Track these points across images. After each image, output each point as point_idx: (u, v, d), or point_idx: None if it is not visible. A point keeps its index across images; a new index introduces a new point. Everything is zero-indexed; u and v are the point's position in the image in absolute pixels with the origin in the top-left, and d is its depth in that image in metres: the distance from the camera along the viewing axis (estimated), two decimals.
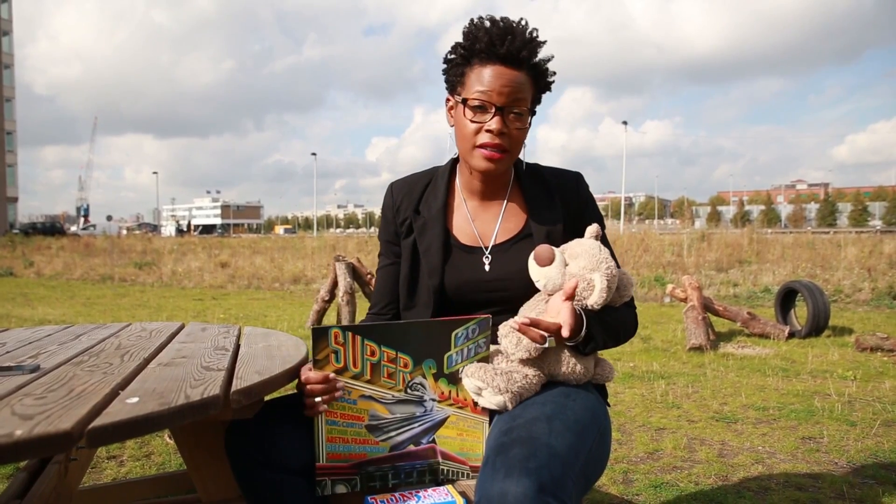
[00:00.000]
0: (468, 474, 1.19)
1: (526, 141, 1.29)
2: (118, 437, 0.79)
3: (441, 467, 1.18)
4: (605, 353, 1.34)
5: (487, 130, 1.22)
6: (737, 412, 3.19)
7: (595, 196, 1.42)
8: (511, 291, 1.28)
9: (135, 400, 0.88)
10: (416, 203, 1.37)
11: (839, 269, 9.82)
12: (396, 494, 1.11)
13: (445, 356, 1.15)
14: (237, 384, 1.01)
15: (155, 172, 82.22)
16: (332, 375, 1.10)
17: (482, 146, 1.23)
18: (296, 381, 1.16)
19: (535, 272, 1.21)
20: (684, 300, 5.53)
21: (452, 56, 1.27)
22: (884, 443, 2.70)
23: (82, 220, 71.60)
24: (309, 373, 1.10)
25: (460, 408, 1.18)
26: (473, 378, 1.15)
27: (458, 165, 1.39)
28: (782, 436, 2.82)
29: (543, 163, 1.41)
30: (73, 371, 1.09)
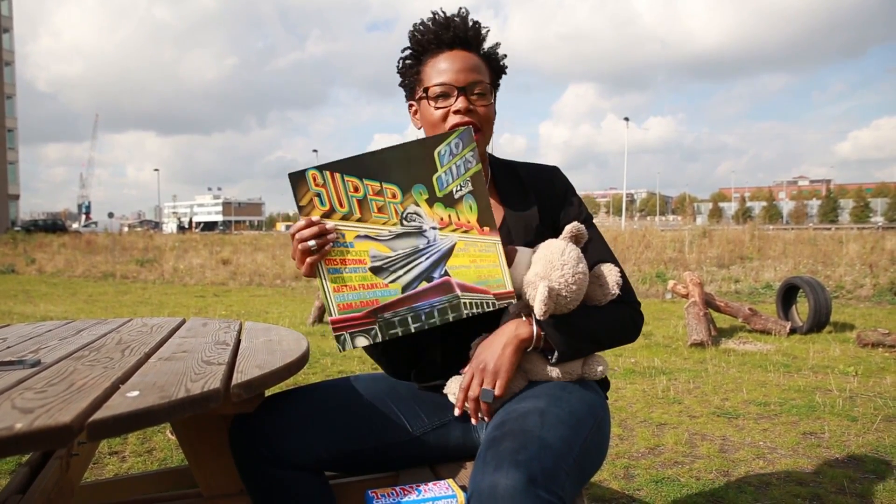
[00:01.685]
0: (493, 304, 1.12)
1: (495, 125, 1.29)
2: (118, 430, 0.79)
3: (462, 301, 1.11)
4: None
5: (455, 112, 1.21)
6: (738, 408, 3.19)
7: (596, 192, 1.43)
8: None
9: (135, 393, 0.88)
10: None
11: (841, 265, 9.81)
12: (397, 488, 1.12)
13: (434, 178, 1.09)
14: (238, 378, 1.01)
15: (156, 169, 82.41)
16: (318, 219, 1.06)
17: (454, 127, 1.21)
18: (292, 377, 1.16)
19: None
20: (686, 296, 5.53)
21: (405, 60, 1.29)
22: (885, 438, 2.70)
23: (84, 217, 71.68)
24: (297, 223, 1.08)
25: (465, 231, 1.10)
26: (452, 387, 1.16)
27: None
28: (783, 431, 2.82)
29: (546, 160, 1.41)
30: (73, 365, 1.09)
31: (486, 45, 1.27)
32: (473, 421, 1.14)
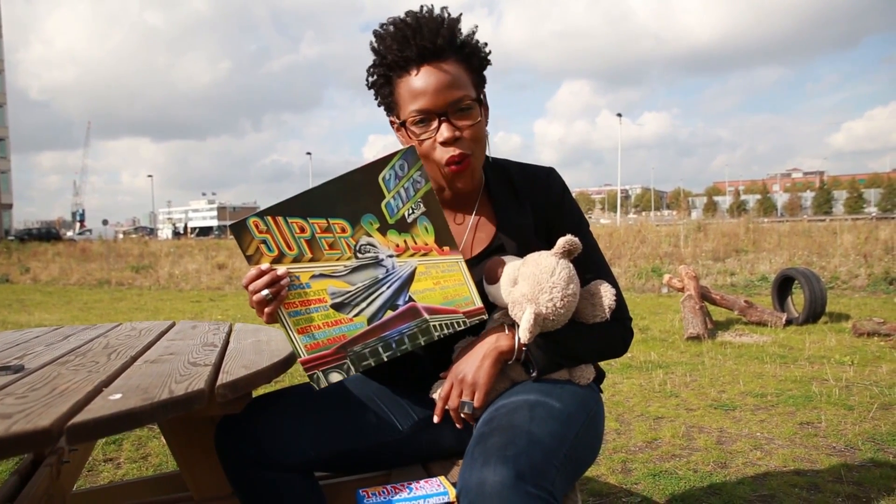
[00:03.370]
0: (464, 322, 1.10)
1: (489, 132, 1.19)
2: (99, 433, 0.78)
3: (432, 323, 1.08)
4: None
5: (442, 144, 1.10)
6: (735, 399, 3.19)
7: (591, 189, 1.37)
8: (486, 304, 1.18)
9: (118, 396, 0.87)
10: None
11: (835, 255, 9.83)
12: (388, 486, 1.11)
13: (383, 205, 1.04)
14: (223, 378, 1.00)
15: (150, 176, 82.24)
16: (267, 266, 1.02)
17: (446, 164, 1.12)
18: (282, 375, 1.15)
19: (485, 287, 1.14)
20: (681, 290, 5.53)
21: (373, 79, 1.16)
22: (881, 426, 2.70)
23: (78, 225, 71.43)
24: (248, 273, 1.02)
25: (424, 254, 1.07)
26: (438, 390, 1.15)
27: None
28: (780, 422, 2.82)
29: (542, 157, 1.34)
30: (57, 370, 1.08)
31: (462, 37, 1.12)
32: (458, 426, 1.13)
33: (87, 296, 10.82)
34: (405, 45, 1.08)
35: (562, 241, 1.07)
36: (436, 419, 1.12)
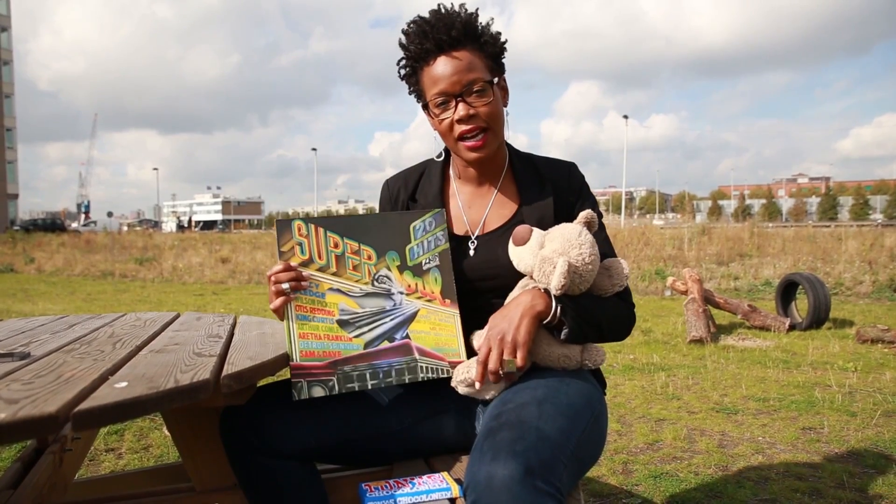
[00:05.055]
0: (447, 371, 1.17)
1: (507, 119, 1.29)
2: (105, 420, 0.78)
3: (419, 364, 1.16)
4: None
5: (458, 121, 1.22)
6: (737, 403, 3.18)
7: (596, 191, 1.41)
8: (500, 279, 1.24)
9: (123, 384, 0.87)
10: (413, 192, 1.37)
11: (840, 262, 9.79)
12: (391, 481, 1.10)
13: (407, 248, 1.19)
14: (228, 369, 1.00)
15: (155, 168, 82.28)
16: (296, 265, 1.12)
17: (461, 139, 1.23)
18: (285, 368, 1.15)
19: (511, 251, 1.21)
20: (685, 293, 5.52)
21: (403, 71, 1.29)
22: (884, 433, 2.69)
23: (83, 216, 71.63)
24: (274, 266, 1.12)
25: (429, 301, 1.18)
26: (460, 375, 1.15)
27: (452, 155, 1.38)
28: (783, 426, 2.81)
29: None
30: (63, 358, 1.08)
31: (478, 29, 1.23)
32: (495, 383, 1.12)
33: (90, 287, 10.85)
34: (425, 39, 1.21)
35: (583, 214, 1.20)
36: (477, 385, 1.11)
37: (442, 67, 1.21)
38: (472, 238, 1.30)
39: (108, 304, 8.06)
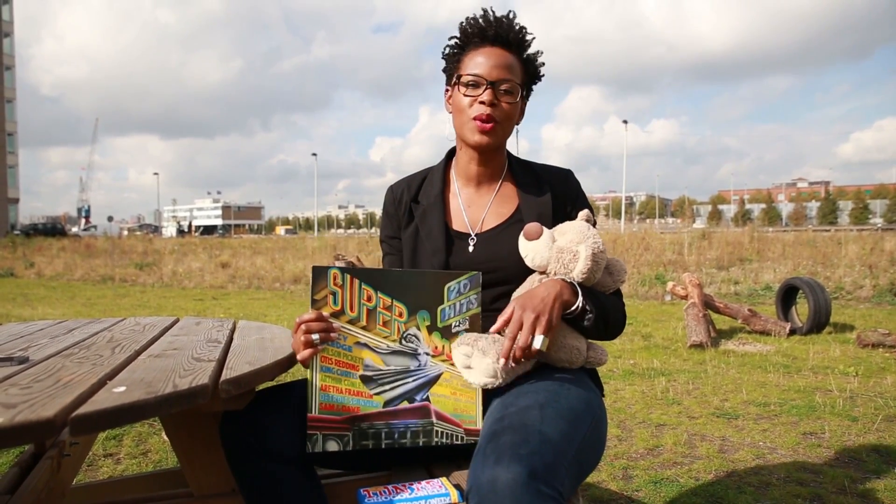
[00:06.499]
0: (462, 437, 1.17)
1: (518, 127, 1.33)
2: (103, 425, 0.78)
3: (435, 428, 1.15)
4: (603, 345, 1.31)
5: (480, 102, 1.27)
6: (737, 408, 3.17)
7: (596, 196, 1.45)
8: (500, 274, 1.28)
9: (122, 389, 0.87)
10: (416, 194, 1.41)
11: (840, 266, 9.79)
12: (389, 487, 1.10)
13: (439, 309, 1.16)
14: (227, 374, 0.99)
15: (156, 173, 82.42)
16: (327, 315, 1.10)
17: (475, 118, 1.28)
18: (285, 372, 1.15)
19: (524, 247, 1.23)
20: (685, 297, 5.51)
21: (451, 48, 1.35)
22: (886, 438, 2.68)
23: (83, 221, 71.66)
24: (305, 314, 1.11)
25: (453, 364, 1.16)
26: (461, 347, 1.13)
27: (454, 157, 1.43)
28: (783, 431, 2.80)
29: (548, 162, 1.44)
30: (61, 363, 1.08)
31: (529, 50, 1.33)
32: (523, 362, 1.12)
33: (90, 291, 10.84)
34: (487, 26, 1.30)
35: (582, 214, 1.26)
36: (501, 361, 1.09)
37: (488, 54, 1.28)
38: (472, 235, 1.34)
39: (107, 309, 8.06)
